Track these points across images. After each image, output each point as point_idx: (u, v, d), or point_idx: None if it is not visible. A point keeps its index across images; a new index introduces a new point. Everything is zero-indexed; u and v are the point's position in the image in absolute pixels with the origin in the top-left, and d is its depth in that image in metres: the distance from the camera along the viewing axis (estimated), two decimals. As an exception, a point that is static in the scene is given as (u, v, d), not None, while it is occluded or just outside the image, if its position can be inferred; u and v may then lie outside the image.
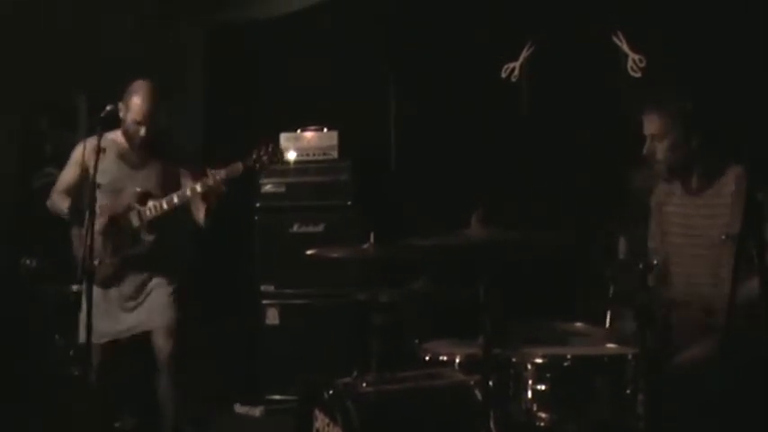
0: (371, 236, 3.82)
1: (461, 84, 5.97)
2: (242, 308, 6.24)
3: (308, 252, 4.02)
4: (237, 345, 6.20)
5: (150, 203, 4.70)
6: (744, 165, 3.68)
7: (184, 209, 4.79)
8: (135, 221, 4.72)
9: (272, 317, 6.11)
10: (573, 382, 3.55)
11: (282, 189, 6.20)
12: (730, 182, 3.86)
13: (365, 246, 3.83)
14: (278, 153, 4.69)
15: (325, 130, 6.24)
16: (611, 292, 3.96)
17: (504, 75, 5.82)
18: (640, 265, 3.52)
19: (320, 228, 6.09)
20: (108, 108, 4.47)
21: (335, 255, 4.07)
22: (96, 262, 4.58)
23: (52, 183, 4.99)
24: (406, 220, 5.92)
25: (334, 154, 6.20)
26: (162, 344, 4.70)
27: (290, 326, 6.07)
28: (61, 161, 5.31)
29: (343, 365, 3.95)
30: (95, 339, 4.62)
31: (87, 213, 4.01)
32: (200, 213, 4.78)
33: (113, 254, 4.72)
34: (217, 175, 4.57)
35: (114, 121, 4.65)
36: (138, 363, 4.93)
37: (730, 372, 3.34)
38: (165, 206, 4.67)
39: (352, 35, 6.54)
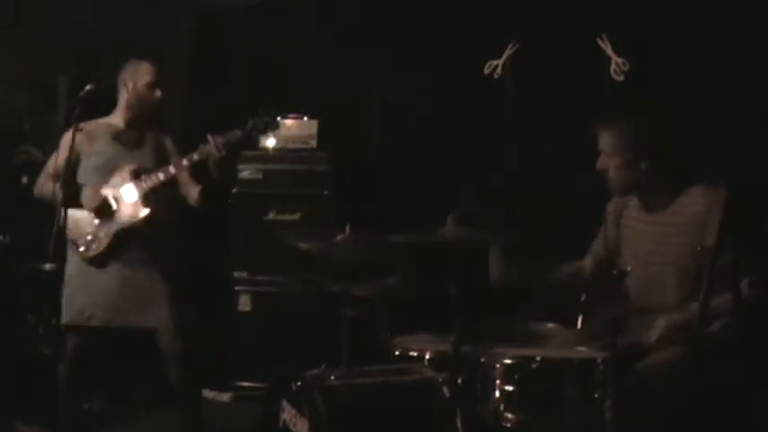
0: (347, 228, 3.79)
1: (444, 79, 5.98)
2: (214, 293, 6.22)
3: (283, 235, 4.00)
4: (208, 330, 6.14)
5: (144, 178, 4.64)
6: (722, 178, 3.67)
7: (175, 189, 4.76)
8: (130, 197, 4.64)
9: (244, 303, 6.13)
10: (541, 384, 3.51)
11: (259, 176, 6.21)
12: (692, 202, 3.82)
13: (340, 237, 3.79)
14: (275, 121, 4.64)
15: (305, 118, 6.23)
16: (583, 295, 3.96)
17: (486, 71, 5.83)
18: (614, 271, 3.53)
19: (296, 216, 6.11)
20: (87, 87, 4.45)
21: (308, 246, 4.04)
22: (89, 238, 4.59)
23: (29, 161, 4.95)
24: (382, 214, 5.81)
25: (313, 143, 6.21)
26: (168, 343, 4.69)
27: (261, 313, 6.09)
28: (40, 140, 5.28)
29: (314, 355, 3.95)
30: (82, 320, 4.63)
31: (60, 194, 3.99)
32: (192, 192, 4.74)
33: (107, 230, 4.66)
34: (215, 140, 4.52)
35: (96, 103, 4.60)
36: (110, 345, 4.89)
37: (697, 377, 3.29)
38: (160, 177, 4.61)
39: (335, 25, 6.51)
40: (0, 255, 5.70)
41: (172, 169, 4.61)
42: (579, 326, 4.13)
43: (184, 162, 4.60)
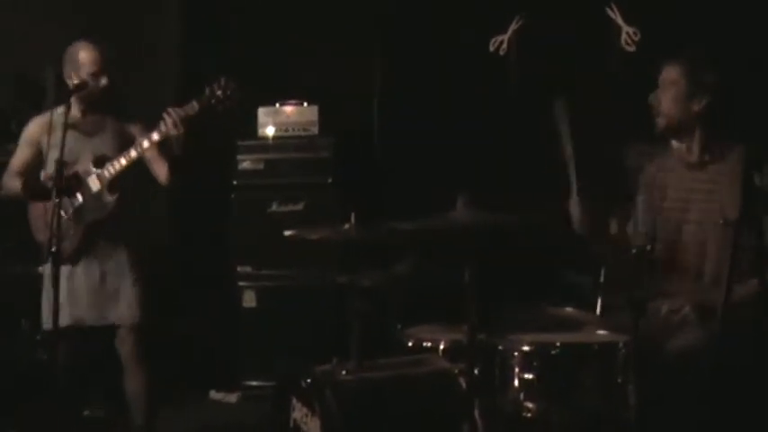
0: (352, 216, 3.67)
1: (448, 57, 5.89)
2: (218, 290, 6.17)
3: (286, 233, 3.88)
4: (213, 328, 6.13)
5: (108, 164, 4.54)
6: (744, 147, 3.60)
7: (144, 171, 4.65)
8: (95, 186, 4.55)
9: (250, 299, 6.04)
10: (561, 370, 3.45)
11: (260, 166, 6.12)
12: (734, 161, 3.73)
13: (345, 227, 3.68)
14: (234, 89, 4.50)
15: (305, 104, 6.15)
16: (602, 276, 3.87)
17: (492, 48, 5.78)
18: (633, 250, 3.41)
19: (300, 206, 6.01)
20: (76, 81, 4.37)
21: (313, 237, 3.93)
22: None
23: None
24: (388, 200, 5.83)
25: (315, 130, 6.11)
26: (124, 342, 4.61)
27: (267, 309, 6.00)
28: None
29: (323, 350, 3.85)
30: (61, 322, 4.52)
31: (53, 192, 3.89)
32: (161, 170, 4.63)
33: (77, 224, 4.56)
34: (171, 117, 4.40)
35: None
36: (107, 349, 4.81)
37: (721, 361, 3.24)
38: (123, 162, 4.51)
39: (336, 7, 6.38)
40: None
41: (133, 152, 4.51)
42: (599, 310, 4.01)
43: (145, 143, 4.50)
